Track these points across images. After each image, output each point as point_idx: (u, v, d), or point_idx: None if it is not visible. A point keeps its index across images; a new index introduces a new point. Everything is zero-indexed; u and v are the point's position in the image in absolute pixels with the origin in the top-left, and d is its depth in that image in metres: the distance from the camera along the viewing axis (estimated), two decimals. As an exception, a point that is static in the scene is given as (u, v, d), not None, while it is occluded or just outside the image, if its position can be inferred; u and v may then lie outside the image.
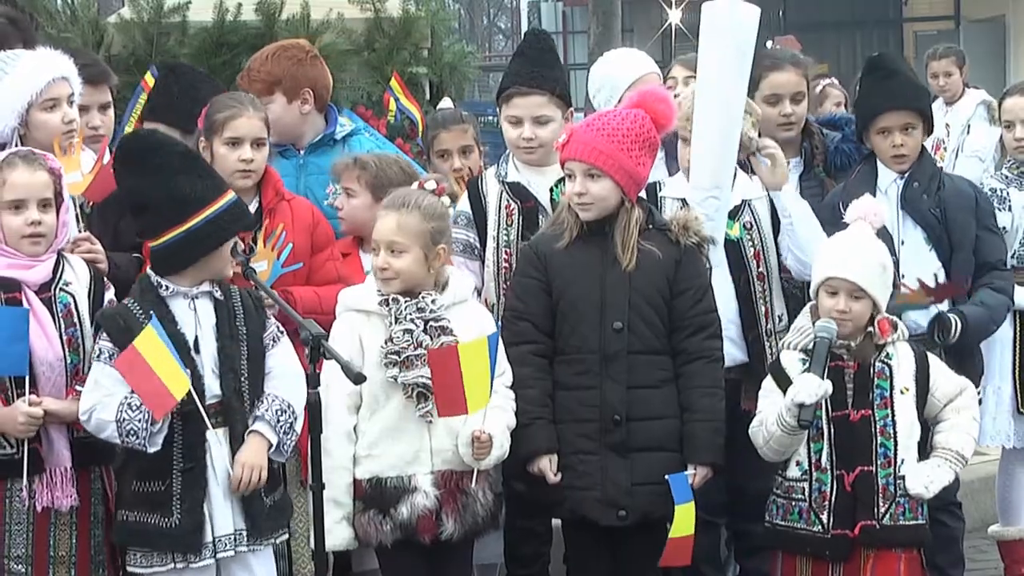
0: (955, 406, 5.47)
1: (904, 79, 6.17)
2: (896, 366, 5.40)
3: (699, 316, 5.44)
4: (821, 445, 5.34)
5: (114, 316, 5.04)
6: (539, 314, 5.40)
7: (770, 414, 5.30)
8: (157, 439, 4.91)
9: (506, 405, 5.28)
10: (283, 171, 6.08)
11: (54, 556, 5.08)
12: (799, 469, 5.37)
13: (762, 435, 5.34)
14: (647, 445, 5.37)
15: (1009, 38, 22.96)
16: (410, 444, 5.19)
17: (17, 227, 5.05)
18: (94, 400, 4.95)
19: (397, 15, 8.09)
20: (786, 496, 5.41)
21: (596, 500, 5.34)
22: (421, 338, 5.17)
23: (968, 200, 6.14)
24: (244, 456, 5.02)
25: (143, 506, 4.99)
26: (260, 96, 6.10)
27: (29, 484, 5.02)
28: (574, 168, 5.38)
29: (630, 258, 5.37)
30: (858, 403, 5.33)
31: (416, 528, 5.16)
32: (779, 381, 5.37)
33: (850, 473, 5.31)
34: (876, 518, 5.30)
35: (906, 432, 5.36)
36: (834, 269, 5.39)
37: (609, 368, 5.36)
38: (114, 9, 9.12)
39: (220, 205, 5.06)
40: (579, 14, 30.01)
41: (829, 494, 5.32)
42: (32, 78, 5.43)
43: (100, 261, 5.36)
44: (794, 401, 5.18)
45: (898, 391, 5.37)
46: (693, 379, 5.41)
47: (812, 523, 5.34)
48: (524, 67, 5.97)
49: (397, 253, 5.22)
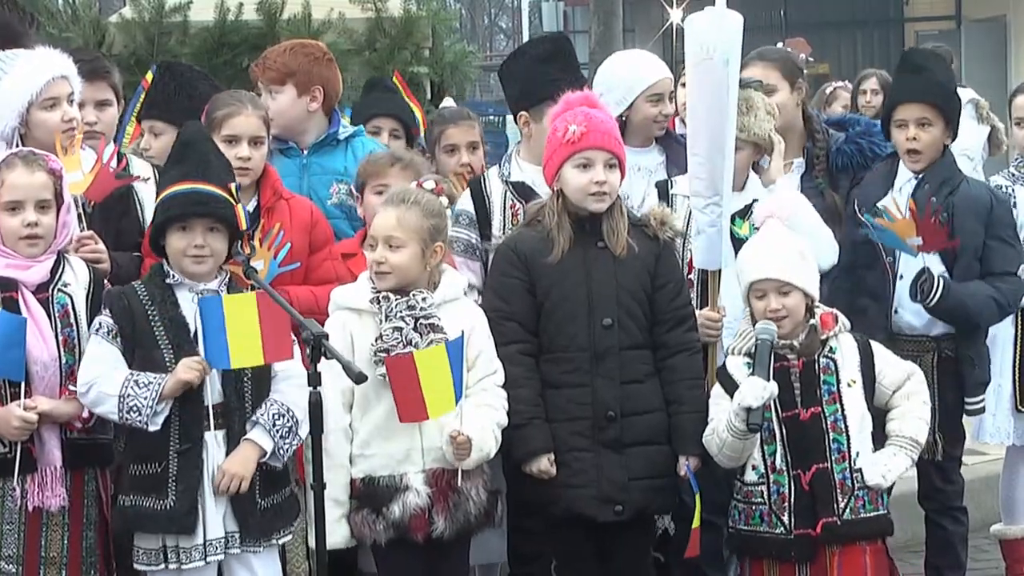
0: (904, 392, 5.48)
1: (929, 76, 6.11)
2: (840, 359, 5.41)
3: (679, 309, 5.48)
4: (775, 447, 5.35)
5: (120, 295, 5.08)
6: (524, 314, 5.40)
7: (721, 421, 5.30)
8: (159, 419, 4.94)
9: (496, 404, 5.26)
10: (286, 170, 6.08)
11: (45, 557, 5.08)
12: (755, 473, 5.38)
13: (715, 443, 5.33)
14: (640, 439, 5.39)
15: (1010, 38, 22.94)
16: (401, 443, 5.19)
17: (14, 228, 5.06)
18: (95, 373, 4.97)
19: (398, 15, 8.11)
20: (746, 501, 5.41)
21: (592, 497, 5.34)
22: (411, 336, 5.17)
23: (980, 207, 6.05)
24: (229, 463, 5.03)
25: (139, 489, 5.00)
26: (271, 84, 6.12)
27: (21, 484, 5.02)
28: (596, 157, 5.36)
29: (623, 247, 5.38)
30: (807, 401, 5.34)
31: (409, 526, 5.16)
32: (726, 387, 5.37)
33: (806, 472, 5.32)
34: (836, 514, 5.30)
35: (857, 425, 5.37)
36: (755, 272, 5.40)
37: (600, 365, 5.36)
38: (115, 9, 9.15)
39: (169, 192, 5.07)
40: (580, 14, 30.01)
41: (788, 495, 5.33)
42: (32, 77, 5.43)
43: (103, 261, 5.37)
44: (741, 405, 5.18)
45: (845, 384, 5.38)
46: (677, 372, 5.43)
47: (774, 525, 5.35)
48: (568, 71, 6.01)
49: (394, 248, 5.22)
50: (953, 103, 6.14)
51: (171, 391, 4.94)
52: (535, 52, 6.23)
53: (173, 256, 5.09)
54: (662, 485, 5.44)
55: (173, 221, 5.05)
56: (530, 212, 5.57)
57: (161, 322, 5.03)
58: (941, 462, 6.09)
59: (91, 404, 5.00)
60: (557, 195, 5.42)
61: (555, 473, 5.32)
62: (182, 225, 5.05)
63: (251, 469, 5.04)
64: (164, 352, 5.02)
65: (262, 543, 5.11)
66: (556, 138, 5.40)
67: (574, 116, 5.40)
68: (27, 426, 4.95)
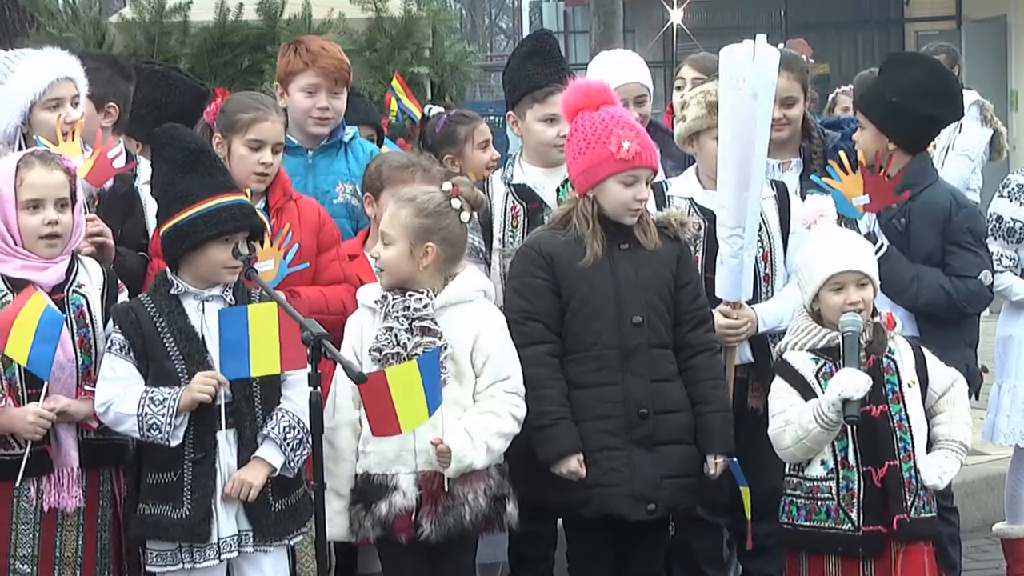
0: (949, 398, 5.48)
1: (876, 81, 6.14)
2: (900, 360, 5.42)
3: (700, 310, 5.50)
4: (845, 443, 5.31)
5: (127, 310, 5.08)
6: (549, 314, 5.37)
7: (803, 412, 5.25)
8: (179, 432, 4.96)
9: (502, 411, 5.21)
10: (291, 170, 6.11)
11: (59, 557, 5.09)
12: (824, 468, 5.34)
13: (792, 435, 5.28)
14: (670, 438, 5.37)
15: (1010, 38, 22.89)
16: (394, 443, 5.15)
17: (34, 227, 5.05)
18: (111, 393, 4.99)
19: (398, 15, 8.10)
20: (809, 496, 5.37)
21: (625, 496, 5.31)
22: (402, 337, 5.14)
23: (938, 212, 6.05)
24: (241, 472, 5.05)
25: (156, 497, 5.03)
26: (335, 85, 6.18)
27: (36, 484, 5.03)
28: (642, 175, 5.37)
29: (656, 243, 5.40)
30: (875, 399, 5.31)
31: (392, 526, 5.14)
32: (792, 382, 5.35)
33: (879, 468, 5.30)
34: (906, 511, 5.30)
35: (917, 425, 5.38)
36: (835, 265, 5.37)
37: (630, 362, 5.35)
38: (115, 9, 9.14)
39: (210, 204, 5.05)
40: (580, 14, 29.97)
41: (857, 491, 5.31)
42: (36, 77, 5.44)
43: (107, 237, 5.37)
44: (840, 396, 5.15)
45: (906, 384, 5.39)
46: (701, 371, 5.43)
47: (842, 521, 5.31)
48: (549, 65, 5.99)
49: (386, 244, 5.22)
50: (880, 109, 6.07)
51: (186, 407, 4.96)
52: (520, 51, 6.28)
53: (210, 267, 5.07)
54: (691, 485, 5.43)
55: (223, 235, 5.04)
56: (556, 215, 5.55)
57: (170, 333, 5.04)
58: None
59: (112, 424, 5.02)
60: (591, 202, 5.39)
61: (584, 474, 5.28)
62: (226, 238, 5.05)
63: (260, 481, 5.05)
64: (176, 363, 5.02)
65: (273, 543, 5.12)
66: (606, 151, 5.32)
67: (625, 131, 5.36)
68: (42, 423, 4.95)
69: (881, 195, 5.90)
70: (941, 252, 6.06)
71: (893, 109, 6.06)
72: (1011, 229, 6.55)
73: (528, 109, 6.00)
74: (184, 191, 5.07)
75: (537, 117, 5.98)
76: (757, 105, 5.66)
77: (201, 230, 5.03)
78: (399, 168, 5.91)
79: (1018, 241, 6.63)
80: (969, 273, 6.08)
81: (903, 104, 6.06)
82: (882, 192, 5.90)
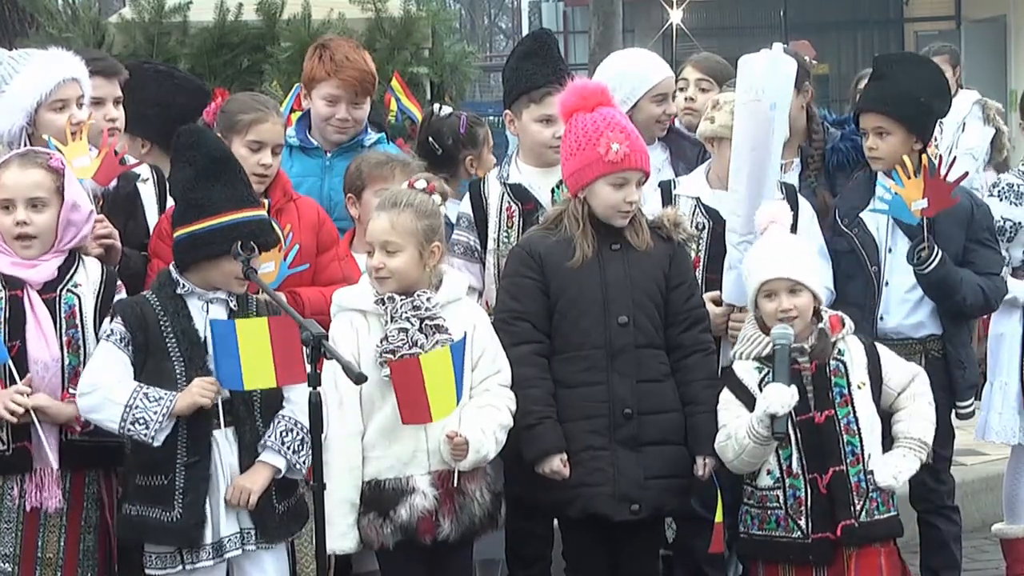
0: (909, 393, 5.50)
1: (886, 83, 6.09)
2: (849, 362, 5.42)
3: (694, 310, 5.50)
4: (790, 451, 5.34)
5: (132, 304, 5.07)
6: (537, 314, 5.39)
7: (739, 427, 5.28)
8: (162, 435, 4.93)
9: (499, 404, 5.25)
10: (308, 170, 6.12)
11: (41, 558, 5.08)
12: (771, 478, 5.38)
13: (732, 449, 5.31)
14: (656, 439, 5.38)
15: (1010, 38, 22.94)
16: (407, 444, 5.17)
17: (7, 227, 5.07)
18: (102, 378, 4.95)
19: (398, 15, 8.10)
20: (760, 505, 5.41)
21: (608, 496, 5.33)
22: (416, 337, 5.16)
23: (961, 212, 6.04)
24: (242, 479, 5.04)
25: (145, 500, 5.00)
26: (357, 96, 6.18)
27: (20, 483, 5.02)
28: (632, 177, 5.37)
29: (647, 243, 5.40)
30: (820, 404, 5.34)
31: (417, 529, 5.15)
32: (736, 392, 5.37)
33: (823, 475, 5.32)
34: (854, 516, 5.31)
35: (868, 427, 5.39)
36: (766, 271, 5.39)
37: (616, 362, 5.36)
38: (115, 9, 9.15)
39: (231, 218, 5.05)
40: (580, 14, 29.99)
41: (804, 499, 5.33)
42: (42, 78, 5.43)
43: (115, 239, 5.37)
44: (766, 412, 5.17)
45: (855, 386, 5.40)
46: (693, 372, 5.43)
47: (791, 529, 5.35)
48: (546, 65, 5.99)
49: (392, 253, 5.21)
50: (913, 109, 6.03)
51: (182, 410, 4.95)
52: (518, 51, 6.28)
53: (221, 277, 5.07)
54: (678, 486, 5.44)
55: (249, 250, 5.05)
56: (549, 215, 5.58)
57: (173, 333, 5.03)
58: (931, 463, 6.09)
59: (89, 409, 4.96)
60: (582, 203, 5.41)
61: (567, 474, 5.30)
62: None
63: (261, 487, 5.04)
64: (175, 364, 5.02)
65: (275, 541, 5.13)
66: (595, 153, 5.33)
67: (615, 133, 5.35)
68: (15, 408, 4.91)
69: (940, 198, 5.86)
70: (964, 251, 6.06)
71: (922, 109, 6.06)
72: (1001, 228, 6.55)
73: (525, 109, 6.00)
74: (205, 199, 5.05)
75: (534, 117, 5.98)
76: (775, 115, 5.66)
77: (219, 242, 5.02)
78: (378, 165, 5.95)
79: (1008, 240, 6.63)
80: (994, 270, 6.12)
81: (927, 103, 6.08)
82: (941, 195, 5.86)
